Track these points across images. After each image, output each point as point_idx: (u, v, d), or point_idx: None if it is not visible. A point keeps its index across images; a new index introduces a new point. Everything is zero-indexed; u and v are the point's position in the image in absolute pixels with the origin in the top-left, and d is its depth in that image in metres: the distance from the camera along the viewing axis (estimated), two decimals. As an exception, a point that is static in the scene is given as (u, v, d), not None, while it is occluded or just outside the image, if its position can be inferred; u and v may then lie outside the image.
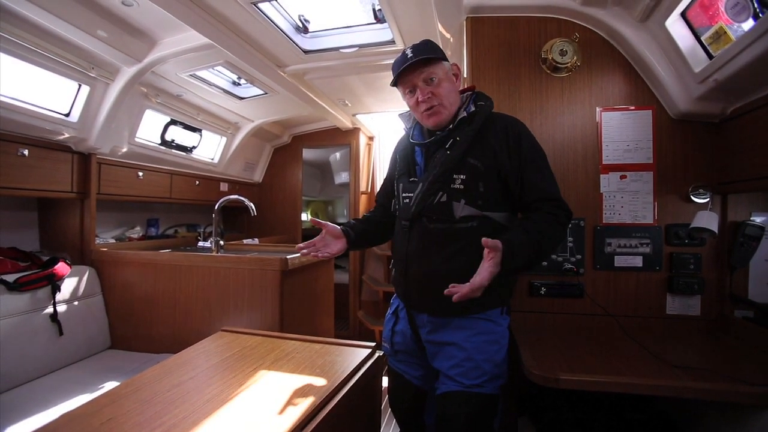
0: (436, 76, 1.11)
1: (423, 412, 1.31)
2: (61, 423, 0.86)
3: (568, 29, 1.54)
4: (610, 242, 1.51)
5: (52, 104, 1.83)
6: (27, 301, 1.64)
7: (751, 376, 1.02)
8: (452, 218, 1.10)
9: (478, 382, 1.09)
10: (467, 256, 1.08)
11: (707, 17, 1.27)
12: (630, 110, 1.51)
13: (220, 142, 3.05)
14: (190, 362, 1.19)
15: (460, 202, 1.09)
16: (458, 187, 1.10)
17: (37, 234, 2.12)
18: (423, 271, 1.14)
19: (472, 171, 1.10)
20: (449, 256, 1.10)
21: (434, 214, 1.12)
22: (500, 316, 1.16)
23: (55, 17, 1.50)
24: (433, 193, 1.12)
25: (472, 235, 1.08)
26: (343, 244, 1.26)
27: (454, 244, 1.10)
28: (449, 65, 1.16)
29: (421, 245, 1.14)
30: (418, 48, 1.12)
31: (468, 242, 1.09)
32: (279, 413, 0.90)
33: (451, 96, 1.14)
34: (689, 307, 1.46)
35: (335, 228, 1.26)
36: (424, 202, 1.13)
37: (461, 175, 1.10)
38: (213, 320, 1.87)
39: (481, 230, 1.08)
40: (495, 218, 1.11)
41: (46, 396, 1.46)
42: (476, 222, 1.10)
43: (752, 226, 1.37)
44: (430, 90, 1.11)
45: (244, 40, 1.85)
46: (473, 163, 1.10)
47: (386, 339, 1.32)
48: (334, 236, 1.27)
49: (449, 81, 1.14)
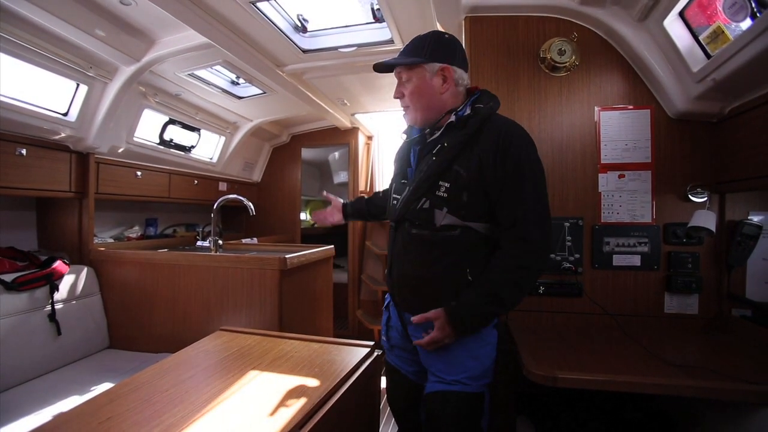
0: (406, 77, 1.13)
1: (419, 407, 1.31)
2: (59, 422, 0.86)
3: (567, 29, 1.54)
4: (609, 241, 1.51)
5: (50, 104, 1.82)
6: (25, 300, 1.64)
7: (749, 375, 1.02)
8: (433, 225, 1.08)
9: (460, 378, 1.08)
10: (445, 265, 1.08)
11: (705, 17, 1.28)
12: (628, 109, 1.52)
13: (219, 142, 3.05)
14: (189, 361, 1.19)
15: (442, 210, 1.07)
16: (442, 195, 1.06)
17: (35, 233, 2.11)
18: (403, 273, 1.15)
19: (456, 179, 1.05)
20: (428, 263, 1.09)
21: (416, 219, 1.10)
22: None
23: (54, 16, 1.50)
24: (417, 198, 1.10)
25: (453, 244, 1.07)
26: (340, 216, 1.54)
27: (433, 252, 1.09)
28: (436, 67, 1.10)
29: (403, 248, 1.15)
30: (406, 47, 1.14)
31: (448, 250, 1.08)
32: (278, 412, 0.90)
33: (425, 99, 1.11)
34: (687, 306, 1.47)
35: (339, 202, 1.56)
36: (407, 207, 1.12)
37: (446, 182, 1.06)
38: (212, 319, 1.87)
39: (463, 240, 1.07)
40: (478, 229, 1.07)
41: (45, 396, 1.46)
42: (458, 231, 1.07)
43: (750, 225, 1.38)
44: (401, 90, 1.15)
45: (242, 40, 1.85)
46: (458, 170, 1.05)
47: (383, 333, 1.33)
48: (337, 209, 1.55)
49: (422, 83, 1.10)
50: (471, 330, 1.05)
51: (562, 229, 1.54)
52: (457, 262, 1.07)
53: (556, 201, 1.54)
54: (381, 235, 3.57)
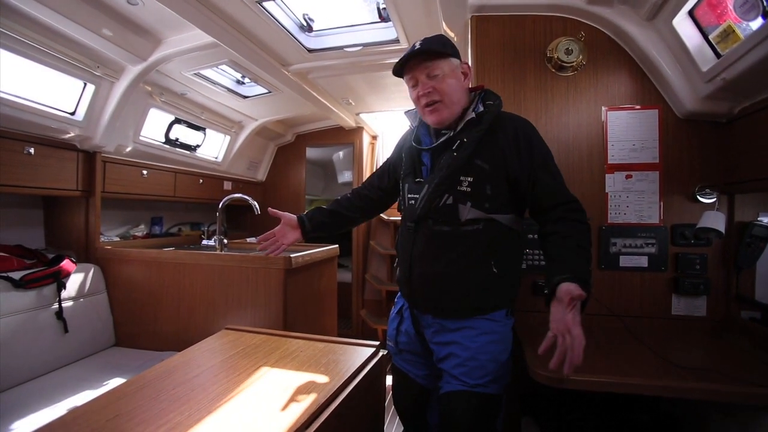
0: (440, 71, 1.08)
1: (426, 411, 1.31)
2: (67, 419, 0.86)
3: (574, 28, 1.53)
4: (615, 242, 1.50)
5: (58, 103, 1.83)
6: (33, 298, 1.65)
7: (758, 378, 1.01)
8: (458, 221, 1.09)
9: (482, 381, 1.08)
10: (471, 259, 1.09)
11: (715, 16, 1.26)
12: (636, 109, 1.50)
13: (224, 141, 3.06)
14: (195, 360, 1.20)
15: (466, 205, 1.08)
16: (465, 190, 1.08)
17: (43, 232, 2.13)
18: (427, 272, 1.14)
19: (479, 173, 1.08)
20: (454, 259, 1.10)
21: (440, 216, 1.11)
22: (505, 318, 1.15)
23: (61, 16, 1.51)
24: (439, 195, 1.10)
25: (477, 238, 1.08)
26: (298, 234, 1.32)
27: (459, 247, 1.10)
28: (458, 63, 1.13)
29: (426, 247, 1.14)
30: (428, 41, 1.10)
31: (473, 244, 1.09)
32: (283, 411, 0.90)
33: (456, 94, 1.11)
34: (695, 307, 1.45)
35: (292, 218, 1.32)
36: (429, 204, 1.12)
37: (468, 177, 1.08)
38: (217, 318, 1.87)
39: (486, 233, 1.08)
40: (501, 220, 1.10)
41: (51, 393, 1.47)
42: (482, 224, 1.08)
43: (759, 227, 1.36)
44: (431, 84, 1.08)
45: (248, 39, 1.86)
46: (481, 164, 1.08)
47: (391, 338, 1.31)
48: (291, 226, 1.32)
49: (455, 78, 1.11)
50: None
51: (569, 230, 1.53)
52: (483, 255, 1.08)
53: (562, 201, 1.53)
54: (385, 234, 3.57)
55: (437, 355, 1.18)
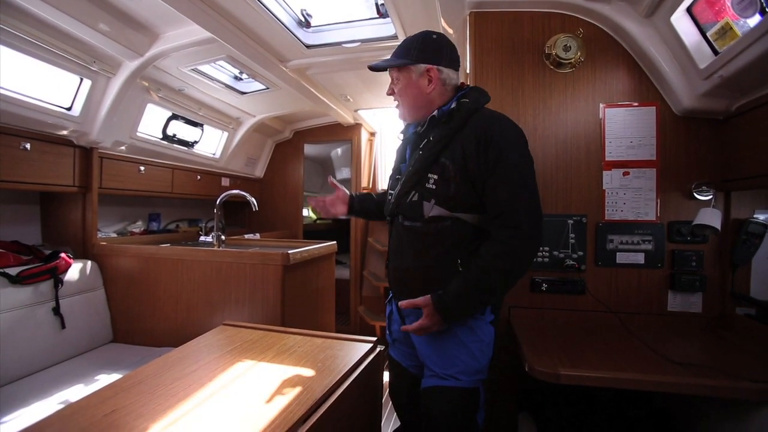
0: (399, 82, 1.18)
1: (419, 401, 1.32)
2: (64, 414, 0.87)
3: (573, 24, 1.52)
4: (612, 239, 1.51)
5: (54, 98, 1.82)
6: (29, 294, 1.64)
7: (752, 373, 1.02)
8: (422, 218, 1.10)
9: (453, 372, 1.09)
10: (436, 256, 1.10)
11: (713, 13, 1.26)
12: (633, 106, 1.51)
13: (222, 137, 3.05)
14: (192, 356, 1.20)
15: (430, 202, 1.09)
16: (431, 187, 1.09)
17: (39, 228, 2.12)
18: (398, 267, 1.19)
19: (444, 171, 1.08)
20: (420, 254, 1.13)
21: (407, 212, 1.14)
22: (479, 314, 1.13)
23: (57, 10, 1.49)
24: (407, 191, 1.14)
25: (443, 236, 1.09)
26: (345, 209, 1.41)
27: (424, 243, 1.11)
28: (424, 68, 1.13)
29: (398, 242, 1.19)
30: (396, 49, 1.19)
31: (438, 242, 1.10)
32: (281, 407, 0.90)
33: (418, 99, 1.16)
34: (691, 304, 1.46)
35: (346, 194, 1.43)
36: (399, 201, 1.16)
37: (434, 174, 1.09)
38: (214, 314, 1.87)
39: (453, 231, 1.09)
40: (467, 220, 1.08)
41: (49, 388, 1.47)
42: (449, 222, 1.09)
43: (755, 224, 1.37)
44: (392, 88, 1.21)
45: (246, 35, 1.85)
46: (445, 162, 1.08)
47: (387, 328, 1.34)
48: (342, 201, 1.42)
49: (415, 87, 1.15)
50: (459, 317, 1.07)
51: (566, 226, 1.53)
52: (448, 253, 1.09)
53: (559, 198, 1.54)
54: (383, 231, 3.57)
55: (416, 345, 1.20)
